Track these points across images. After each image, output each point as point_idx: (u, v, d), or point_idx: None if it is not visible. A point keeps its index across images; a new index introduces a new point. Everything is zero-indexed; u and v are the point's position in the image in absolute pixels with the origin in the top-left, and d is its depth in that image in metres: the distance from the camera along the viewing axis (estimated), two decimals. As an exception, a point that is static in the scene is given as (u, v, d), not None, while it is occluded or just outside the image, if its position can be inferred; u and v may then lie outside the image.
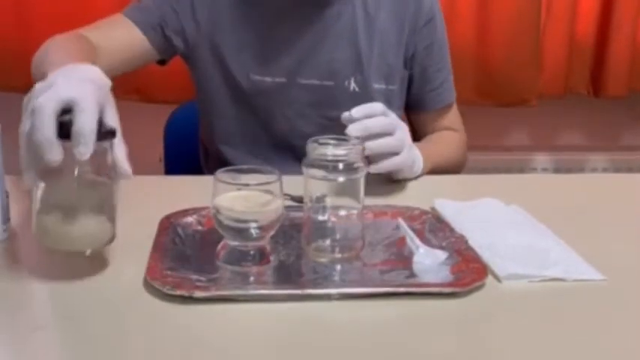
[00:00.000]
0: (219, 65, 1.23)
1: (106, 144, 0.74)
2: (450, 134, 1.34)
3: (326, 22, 1.22)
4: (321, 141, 0.83)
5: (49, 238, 0.75)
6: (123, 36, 1.20)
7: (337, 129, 0.93)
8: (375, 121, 0.97)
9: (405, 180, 1.12)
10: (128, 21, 1.20)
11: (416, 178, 1.13)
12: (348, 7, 1.23)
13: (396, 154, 1.01)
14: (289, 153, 1.21)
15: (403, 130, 1.03)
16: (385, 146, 0.99)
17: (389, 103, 1.25)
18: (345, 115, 0.97)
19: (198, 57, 1.25)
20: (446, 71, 1.33)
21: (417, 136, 1.34)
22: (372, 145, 0.96)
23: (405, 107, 1.33)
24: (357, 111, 0.97)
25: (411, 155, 1.06)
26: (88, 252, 0.76)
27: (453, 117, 1.36)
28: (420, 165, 1.12)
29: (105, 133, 0.74)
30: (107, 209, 0.77)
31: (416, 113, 1.34)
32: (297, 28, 1.22)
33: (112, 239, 0.77)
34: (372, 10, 1.24)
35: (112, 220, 0.77)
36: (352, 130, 0.95)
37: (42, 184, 0.74)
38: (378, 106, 0.99)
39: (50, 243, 0.75)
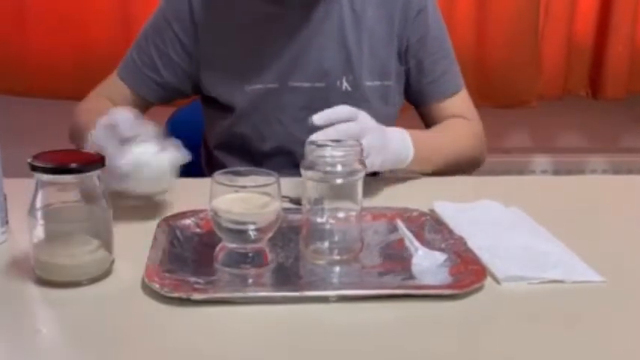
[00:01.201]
0: (212, 80, 1.23)
1: (94, 173, 0.75)
2: (458, 122, 1.28)
3: (313, 24, 1.21)
4: (320, 143, 0.83)
5: (46, 270, 0.76)
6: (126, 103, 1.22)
7: None
8: (336, 110, 0.96)
9: (401, 176, 1.11)
10: (129, 93, 1.24)
11: (410, 171, 1.12)
12: (335, 6, 1.22)
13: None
14: (287, 160, 1.20)
15: (366, 115, 1.00)
16: (343, 133, 0.93)
17: (385, 100, 1.25)
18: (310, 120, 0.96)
19: (200, 82, 1.25)
20: (446, 61, 1.29)
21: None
22: (330, 131, 0.93)
23: (410, 102, 1.31)
24: (319, 117, 0.95)
25: (380, 139, 1.00)
26: (84, 282, 0.76)
27: (462, 105, 1.30)
28: (407, 153, 1.07)
29: (93, 162, 0.75)
30: (103, 237, 0.77)
31: (421, 107, 1.31)
32: (285, 32, 1.21)
33: (109, 269, 0.78)
34: (359, 8, 1.22)
35: (108, 248, 0.78)
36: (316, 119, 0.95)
37: (40, 221, 0.75)
38: (344, 110, 0.98)
39: (47, 275, 0.76)
